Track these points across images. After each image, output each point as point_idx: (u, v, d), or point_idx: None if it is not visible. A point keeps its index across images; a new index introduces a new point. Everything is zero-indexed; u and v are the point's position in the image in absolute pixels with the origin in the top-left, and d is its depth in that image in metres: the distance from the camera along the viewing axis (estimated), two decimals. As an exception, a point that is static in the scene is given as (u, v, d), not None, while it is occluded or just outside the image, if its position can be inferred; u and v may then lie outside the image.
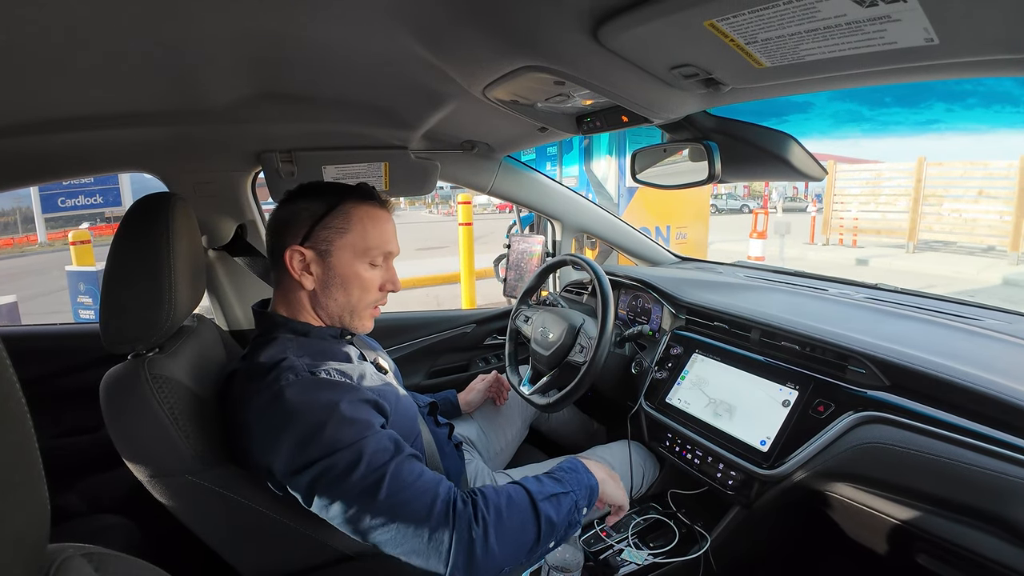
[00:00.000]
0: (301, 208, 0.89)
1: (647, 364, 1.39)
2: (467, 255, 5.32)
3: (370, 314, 0.96)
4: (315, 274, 0.89)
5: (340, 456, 0.73)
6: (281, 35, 0.74)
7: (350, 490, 0.73)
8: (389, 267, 0.95)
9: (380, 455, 0.75)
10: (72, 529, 1.20)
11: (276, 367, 0.80)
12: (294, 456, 0.74)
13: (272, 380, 0.78)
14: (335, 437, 0.74)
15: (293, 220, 0.89)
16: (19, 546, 0.33)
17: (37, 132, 1.00)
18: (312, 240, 0.88)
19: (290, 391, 0.77)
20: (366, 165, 1.42)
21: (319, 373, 0.81)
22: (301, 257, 0.88)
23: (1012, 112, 9.17)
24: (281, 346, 0.85)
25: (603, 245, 2.04)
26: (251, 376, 0.82)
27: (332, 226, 0.88)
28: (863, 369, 0.99)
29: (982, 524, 0.80)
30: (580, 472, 0.89)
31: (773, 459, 1.02)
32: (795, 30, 0.58)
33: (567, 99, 0.98)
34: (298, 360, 0.81)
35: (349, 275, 0.90)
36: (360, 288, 0.91)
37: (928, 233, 10.16)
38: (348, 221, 0.89)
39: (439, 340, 1.78)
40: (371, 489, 0.73)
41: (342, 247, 0.89)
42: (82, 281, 5.03)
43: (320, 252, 0.88)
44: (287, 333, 0.89)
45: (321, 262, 0.89)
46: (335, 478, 0.73)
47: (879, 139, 20.78)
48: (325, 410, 0.76)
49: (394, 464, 0.75)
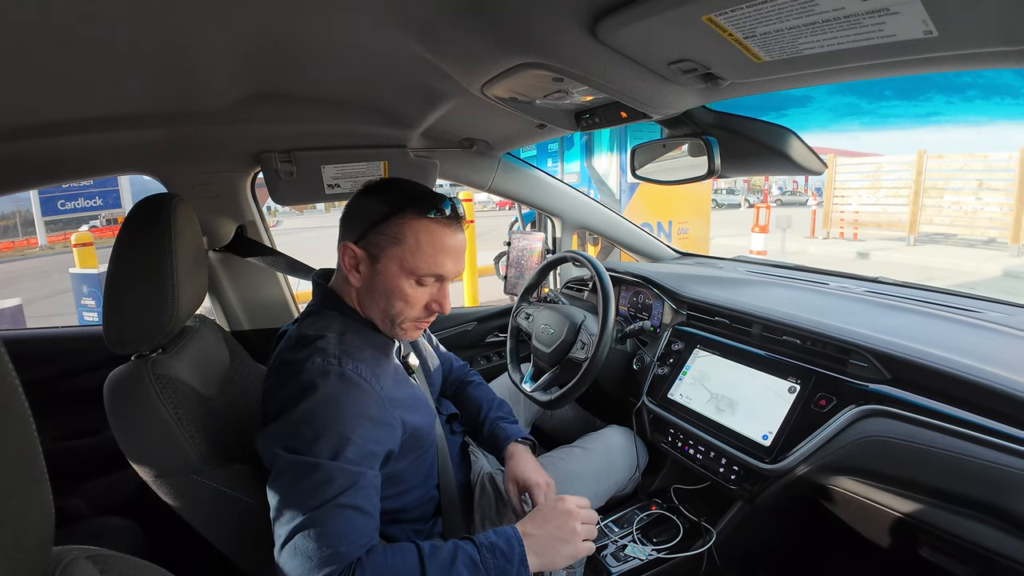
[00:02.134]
0: (367, 205, 0.88)
1: (648, 360, 1.39)
2: (468, 253, 5.31)
3: (412, 326, 0.92)
4: (362, 274, 0.89)
5: (302, 461, 0.74)
6: (279, 35, 0.74)
7: (289, 497, 0.73)
8: (442, 288, 0.91)
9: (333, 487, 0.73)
10: (76, 531, 1.21)
11: (312, 345, 0.82)
12: (275, 432, 0.77)
13: (304, 357, 0.81)
14: (316, 440, 0.75)
15: (356, 215, 0.89)
16: (24, 549, 0.33)
17: (37, 135, 1.00)
18: (366, 241, 0.87)
19: (310, 373, 0.78)
20: (365, 164, 1.42)
21: (347, 366, 0.80)
22: (353, 255, 0.88)
23: (1012, 104, 9.16)
24: (327, 321, 0.88)
25: (605, 241, 2.04)
26: (292, 346, 0.86)
27: (386, 233, 0.86)
28: (864, 363, 0.99)
29: (984, 516, 0.80)
30: (513, 563, 0.77)
31: (775, 454, 1.02)
32: (793, 24, 0.58)
33: (566, 95, 0.98)
34: (335, 342, 0.83)
35: (392, 287, 0.87)
36: (403, 302, 0.88)
37: (928, 226, 10.15)
38: (402, 232, 0.85)
39: (440, 339, 1.78)
40: (303, 511, 0.71)
41: (391, 257, 0.86)
42: (85, 283, 5.04)
43: (371, 255, 0.87)
44: (335, 311, 0.91)
45: (369, 265, 0.88)
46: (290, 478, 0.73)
47: (879, 132, 20.78)
48: (326, 407, 0.77)
49: (334, 504, 0.72)
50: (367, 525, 0.76)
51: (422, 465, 0.98)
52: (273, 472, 0.75)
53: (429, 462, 1.00)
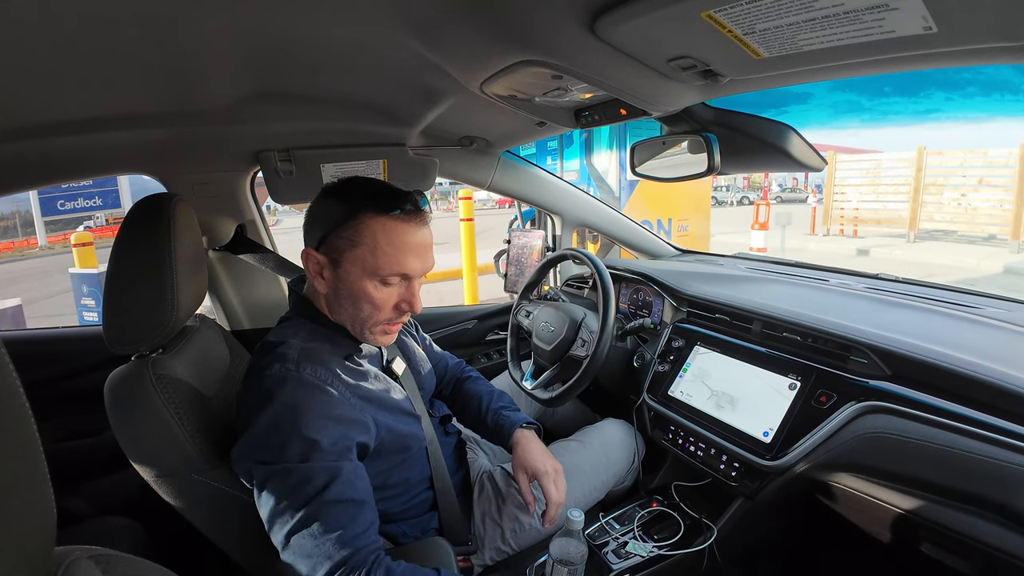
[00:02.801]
0: (325, 209, 0.85)
1: (649, 357, 1.39)
2: (468, 251, 5.32)
3: (382, 330, 0.90)
4: (327, 280, 0.86)
5: (275, 468, 0.75)
6: (277, 34, 0.74)
7: (275, 505, 0.75)
8: (410, 286, 0.88)
9: (312, 485, 0.75)
10: (78, 532, 1.21)
11: (273, 352, 0.82)
12: (244, 448, 0.77)
13: (264, 365, 0.81)
14: (284, 447, 0.75)
15: (316, 220, 0.86)
16: (26, 549, 0.33)
17: (36, 136, 1.00)
18: (326, 246, 0.84)
19: (269, 381, 0.78)
20: (364, 163, 1.42)
21: (305, 371, 0.80)
22: (315, 261, 0.86)
23: (1011, 100, 9.16)
24: (293, 327, 0.88)
25: (605, 239, 2.04)
26: (257, 354, 0.86)
27: (344, 236, 0.83)
28: (865, 359, 0.99)
29: (985, 512, 0.80)
30: None
31: (776, 450, 1.02)
32: (793, 20, 0.58)
33: (565, 93, 0.98)
34: (296, 348, 0.83)
35: (357, 291, 0.85)
36: (370, 305, 0.85)
37: (928, 222, 10.14)
38: (360, 234, 0.82)
39: (440, 337, 1.78)
40: (292, 515, 0.74)
41: (352, 260, 0.83)
42: (85, 283, 5.04)
43: (332, 260, 0.85)
44: (304, 317, 0.90)
45: (332, 271, 0.85)
46: (268, 488, 0.75)
47: (879, 129, 20.76)
48: (287, 414, 0.76)
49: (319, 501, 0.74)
50: (361, 513, 0.78)
51: (408, 470, 0.97)
52: (255, 486, 0.77)
53: (417, 467, 0.99)
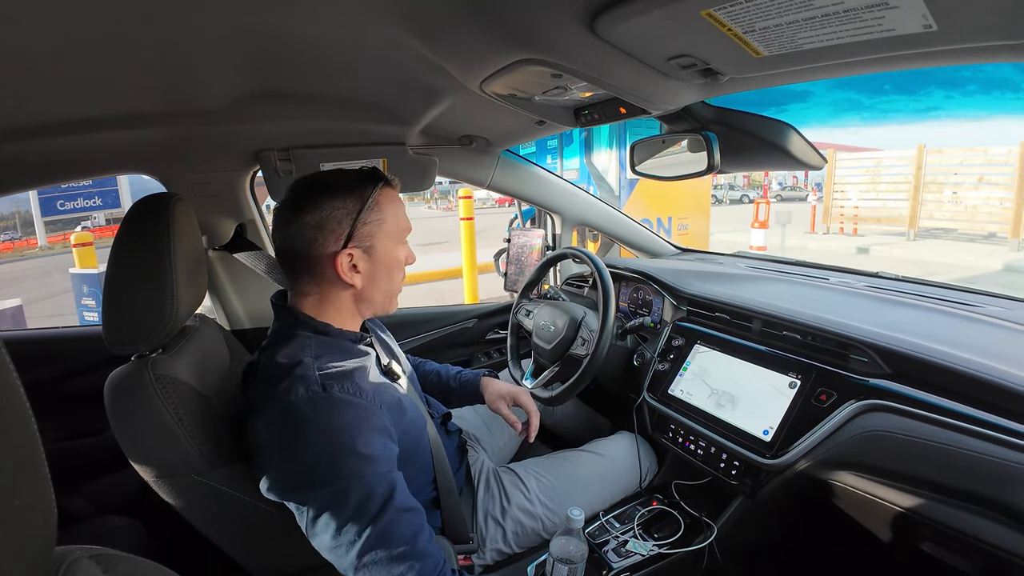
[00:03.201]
0: (335, 208, 0.85)
1: (649, 356, 1.39)
2: (469, 250, 5.32)
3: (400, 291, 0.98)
4: (363, 271, 0.88)
5: (333, 491, 0.73)
6: (277, 33, 0.74)
7: (339, 528, 0.73)
8: (406, 241, 0.96)
9: (375, 501, 0.74)
10: (79, 531, 1.21)
11: (290, 374, 0.78)
12: (292, 478, 0.75)
13: (284, 391, 0.77)
14: (338, 469, 0.74)
15: (329, 222, 0.84)
16: (26, 549, 0.33)
17: (35, 136, 1.00)
18: (356, 238, 0.86)
19: (302, 409, 0.75)
20: (364, 162, 1.42)
21: (333, 390, 0.78)
22: (350, 259, 0.86)
23: (1012, 98, 9.14)
24: (299, 344, 0.84)
25: (604, 238, 2.04)
26: (266, 380, 0.81)
27: (371, 221, 0.87)
28: (865, 357, 0.99)
29: (985, 510, 0.80)
30: None
31: (776, 449, 1.02)
32: (793, 18, 0.58)
33: (565, 92, 0.98)
34: (313, 367, 0.80)
35: (391, 261, 0.91)
36: (399, 270, 0.94)
37: (928, 221, 10.14)
38: (382, 212, 0.88)
39: (440, 336, 1.78)
40: (359, 534, 0.73)
41: (383, 237, 0.89)
42: (86, 283, 5.04)
43: (365, 248, 0.87)
44: (307, 331, 0.87)
45: (367, 258, 0.88)
46: (330, 512, 0.73)
47: (879, 127, 20.74)
48: (332, 435, 0.75)
49: (385, 513, 0.74)
50: (423, 520, 0.79)
51: (416, 471, 0.97)
52: (309, 515, 0.74)
53: (423, 468, 0.99)
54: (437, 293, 6.50)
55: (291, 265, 0.88)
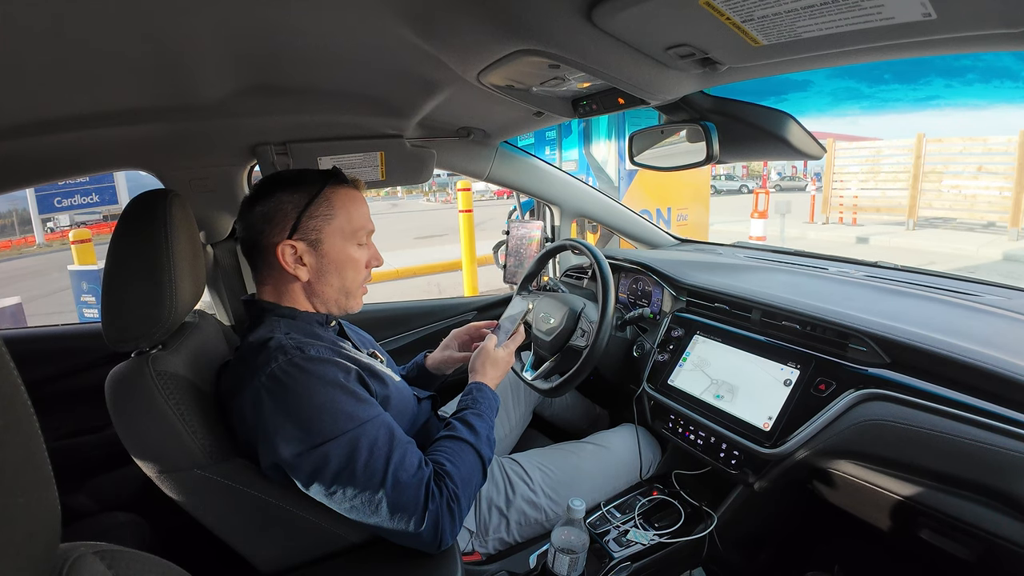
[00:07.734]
0: (283, 201, 0.89)
1: (649, 347, 1.40)
2: (468, 242, 5.31)
3: (361, 292, 0.98)
4: (308, 264, 0.90)
5: (341, 442, 0.76)
6: (273, 27, 0.74)
7: (352, 479, 0.75)
8: (371, 244, 0.98)
9: (382, 444, 0.78)
10: (83, 528, 1.21)
11: (264, 347, 0.81)
12: (295, 441, 0.76)
13: (263, 362, 0.79)
14: (335, 420, 0.76)
15: (276, 214, 0.88)
16: (30, 546, 0.33)
17: (31, 134, 1.00)
18: (301, 231, 0.88)
19: (283, 373, 0.77)
20: (362, 155, 1.41)
21: (308, 350, 0.81)
22: (293, 250, 0.88)
23: (1011, 87, 9.11)
24: (269, 326, 0.87)
25: (604, 229, 2.04)
26: (242, 359, 0.84)
27: (318, 215, 0.89)
28: (864, 347, 0.99)
29: (984, 499, 0.81)
30: (487, 395, 1.02)
31: (775, 438, 1.03)
32: (792, 7, 0.57)
33: (562, 82, 0.97)
34: (286, 339, 0.82)
35: (342, 259, 0.92)
36: (353, 269, 0.94)
37: (928, 210, 10.13)
38: (332, 207, 0.90)
39: (440, 329, 1.78)
40: (372, 480, 0.76)
41: (331, 233, 0.90)
42: (85, 280, 5.02)
43: (311, 242, 0.89)
44: (274, 316, 0.90)
45: (313, 252, 0.90)
46: (337, 466, 0.75)
47: (878, 116, 20.69)
48: (323, 389, 0.78)
49: (396, 455, 0.78)
50: (416, 448, 0.84)
51: None
52: (319, 479, 0.76)
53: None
54: (437, 286, 6.50)
55: (249, 256, 0.93)
